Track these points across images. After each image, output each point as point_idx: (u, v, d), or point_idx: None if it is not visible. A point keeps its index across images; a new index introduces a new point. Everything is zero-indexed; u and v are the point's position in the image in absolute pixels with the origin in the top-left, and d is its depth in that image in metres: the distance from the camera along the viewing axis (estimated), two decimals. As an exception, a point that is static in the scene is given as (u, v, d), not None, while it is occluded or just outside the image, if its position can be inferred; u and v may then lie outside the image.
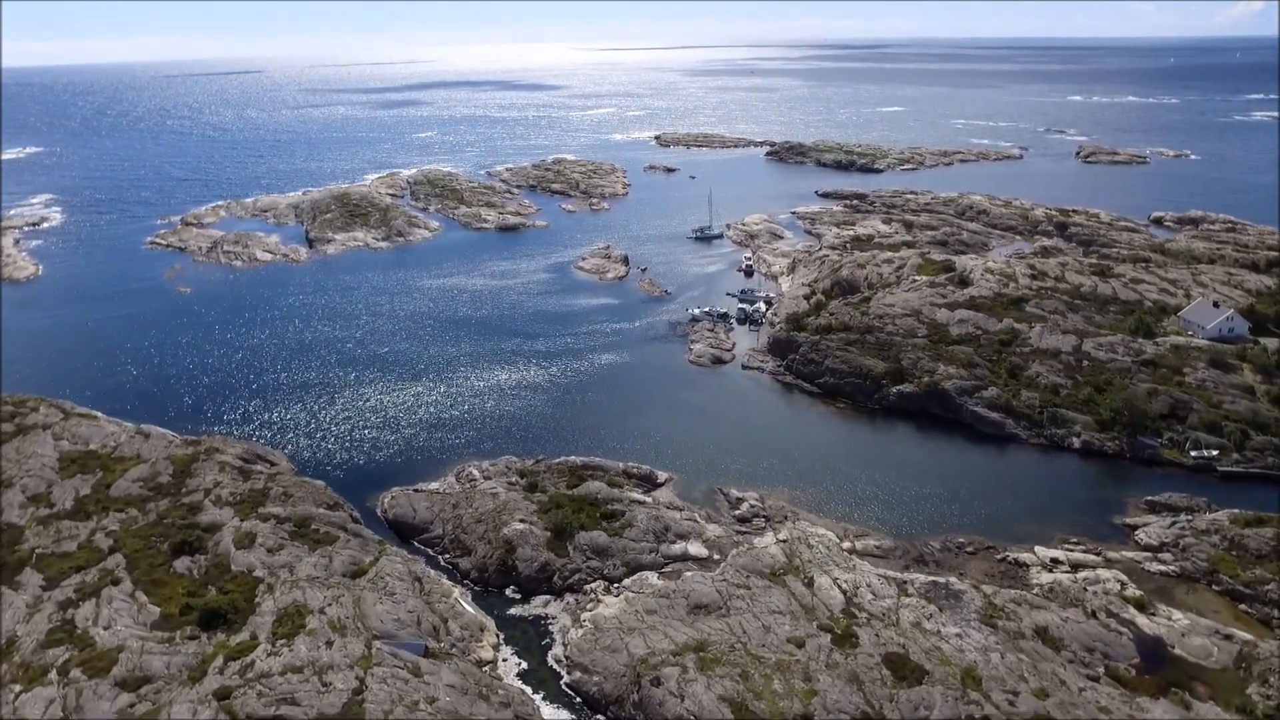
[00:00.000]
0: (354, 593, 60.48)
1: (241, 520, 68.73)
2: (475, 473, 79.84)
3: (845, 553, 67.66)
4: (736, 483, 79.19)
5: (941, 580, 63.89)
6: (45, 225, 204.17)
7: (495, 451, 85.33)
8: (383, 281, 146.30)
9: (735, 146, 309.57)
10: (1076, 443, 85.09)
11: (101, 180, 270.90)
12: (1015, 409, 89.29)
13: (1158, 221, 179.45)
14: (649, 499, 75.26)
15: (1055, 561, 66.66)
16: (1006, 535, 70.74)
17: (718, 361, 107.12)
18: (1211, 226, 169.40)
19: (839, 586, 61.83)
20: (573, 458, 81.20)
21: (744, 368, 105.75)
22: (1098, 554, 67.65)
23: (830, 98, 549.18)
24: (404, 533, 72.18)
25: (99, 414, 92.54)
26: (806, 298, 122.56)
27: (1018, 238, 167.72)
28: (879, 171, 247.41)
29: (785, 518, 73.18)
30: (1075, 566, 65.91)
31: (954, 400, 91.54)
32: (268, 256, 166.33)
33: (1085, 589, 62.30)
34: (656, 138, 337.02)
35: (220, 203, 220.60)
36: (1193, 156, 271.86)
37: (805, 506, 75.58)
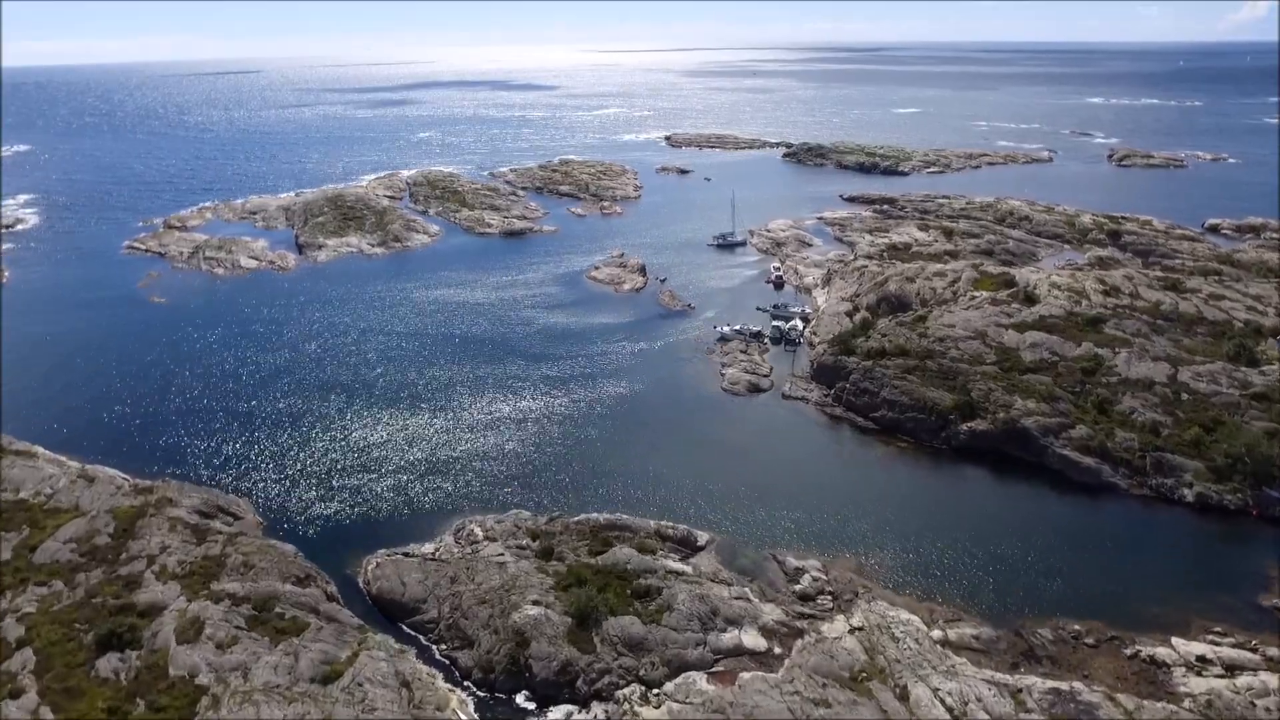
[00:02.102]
0: (323, 706, 47.25)
1: (189, 600, 55.54)
2: (478, 531, 66.66)
3: (937, 644, 54.50)
4: (792, 545, 66.06)
5: (1065, 687, 50.65)
6: (19, 227, 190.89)
7: (500, 503, 72.19)
8: (376, 292, 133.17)
9: (750, 148, 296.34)
10: (1189, 495, 71.84)
11: (86, 180, 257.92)
12: (1111, 452, 76.03)
13: (1214, 229, 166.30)
14: (688, 568, 62.04)
15: (1203, 660, 53.39)
16: (1131, 620, 57.51)
17: (755, 389, 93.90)
18: (1276, 235, 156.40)
19: (942, 700, 48.57)
20: (595, 515, 67.83)
21: (785, 397, 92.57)
22: (1254, 649, 54.42)
23: (840, 99, 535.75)
24: (391, 613, 58.93)
25: (39, 449, 79.48)
26: (849, 314, 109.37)
27: (1066, 246, 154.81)
28: (904, 174, 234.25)
29: (856, 594, 59.98)
30: (1230, 668, 52.65)
31: (1036, 441, 78.31)
32: (253, 263, 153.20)
33: (1253, 703, 49.10)
34: (667, 138, 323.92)
35: (207, 204, 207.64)
36: (1231, 160, 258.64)
37: (877, 578, 62.39)
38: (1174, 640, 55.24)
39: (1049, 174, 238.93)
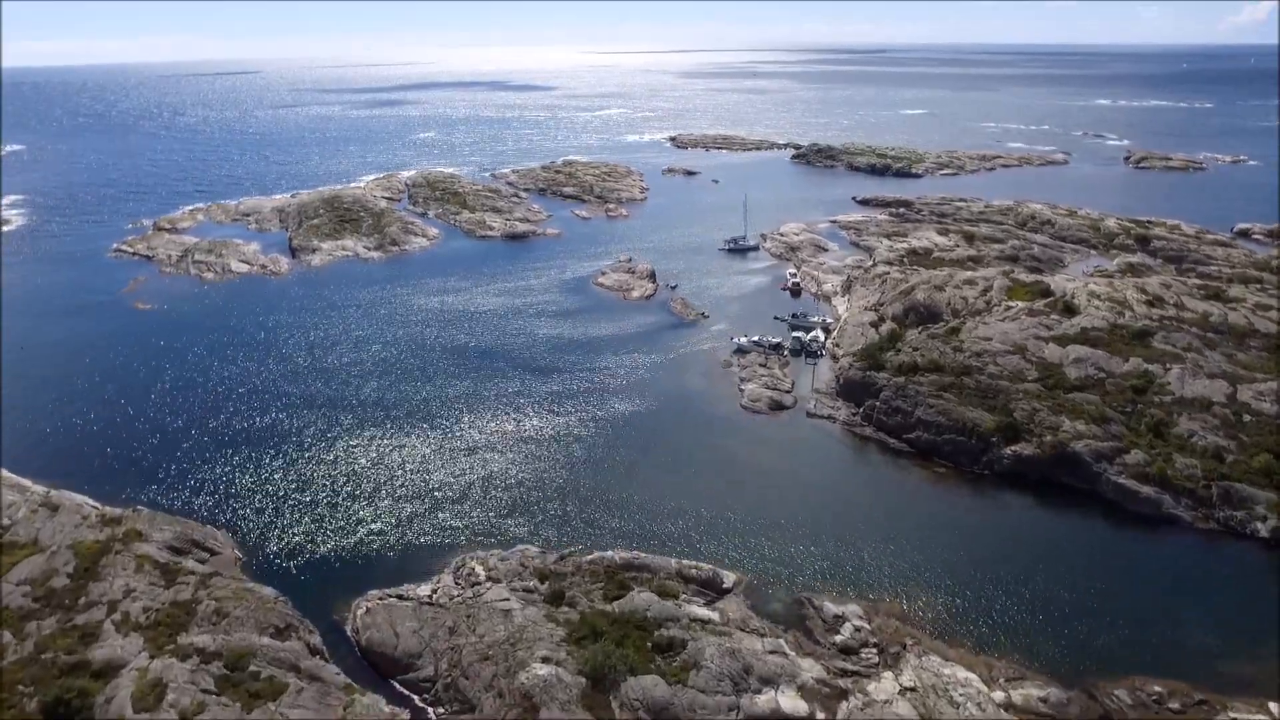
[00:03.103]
0: (301, 791, 40.70)
1: (152, 656, 48.94)
2: (479, 570, 60.07)
3: (1001, 709, 47.97)
4: (827, 586, 59.54)
5: (1153, 764, 44.20)
6: (4, 229, 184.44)
7: (504, 536, 65.64)
8: (371, 299, 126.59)
9: (757, 149, 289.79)
10: (1262, 529, 65.29)
11: (77, 180, 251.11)
12: (1171, 481, 69.43)
13: (1244, 234, 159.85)
14: (715, 614, 55.48)
15: (1307, 731, 46.91)
16: (1214, 678, 50.94)
17: (777, 407, 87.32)
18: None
19: (1017, 785, 42.01)
20: (609, 554, 61.18)
21: (809, 415, 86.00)
22: (1363, 718, 47.87)
23: (842, 100, 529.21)
24: (382, 668, 52.29)
25: (2, 471, 72.97)
26: (874, 325, 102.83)
27: (1092, 252, 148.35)
28: (917, 176, 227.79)
29: (903, 646, 53.44)
30: (1340, 741, 46.17)
31: (1089, 467, 71.76)
32: (244, 268, 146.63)
33: (1375, 787, 42.56)
34: (672, 139, 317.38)
35: (200, 205, 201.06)
36: (1251, 162, 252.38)
37: (926, 626, 55.85)
38: (1271, 706, 48.71)
39: (1065, 176, 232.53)
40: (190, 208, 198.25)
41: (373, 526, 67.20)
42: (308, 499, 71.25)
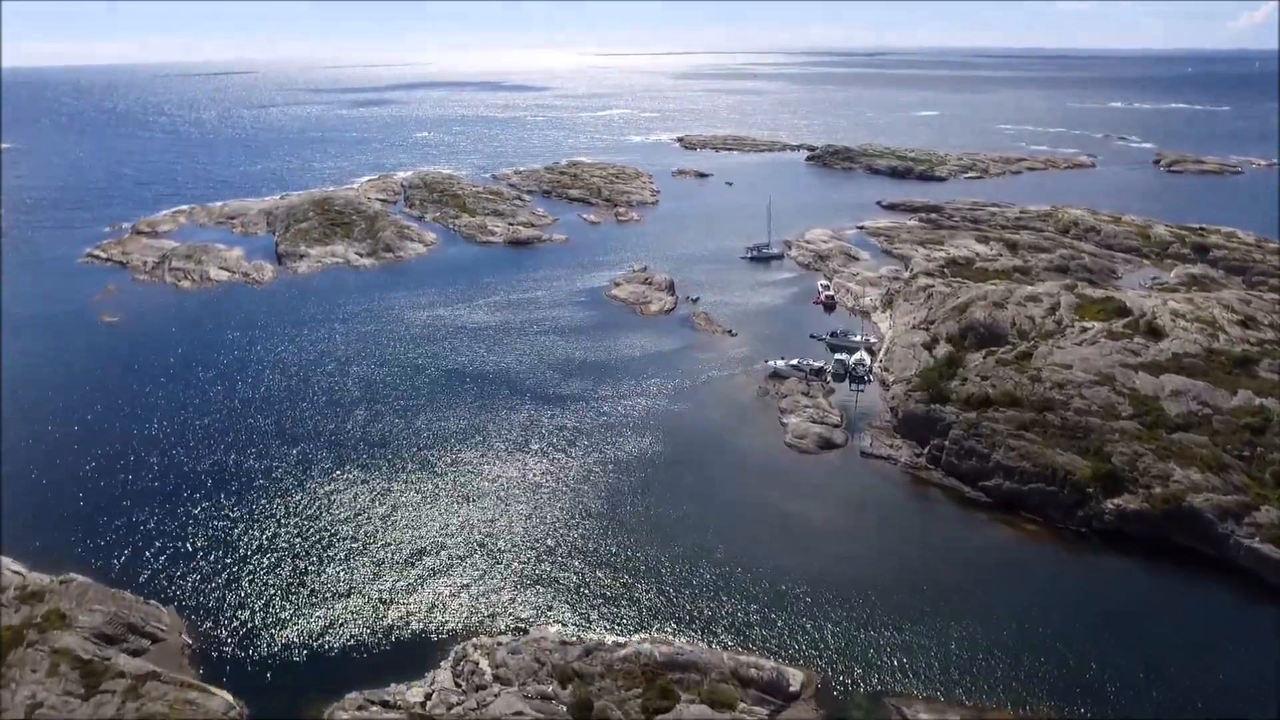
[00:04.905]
0: None
1: (54, 808, 37.11)
2: (484, 664, 48.28)
3: None
4: (917, 688, 47.86)
5: None
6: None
7: (513, 616, 53.83)
8: (360, 312, 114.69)
9: (769, 150, 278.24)
10: None
11: (57, 181, 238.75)
12: (1316, 545, 57.84)
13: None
14: (783, 733, 43.75)
15: None
16: None
17: (826, 445, 75.49)
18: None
19: None
20: (646, 647, 49.15)
21: (864, 455, 74.24)
22: None
23: (847, 100, 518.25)
24: (358, 813, 40.52)
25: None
26: (927, 346, 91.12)
27: (1145, 262, 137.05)
28: (941, 179, 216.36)
29: (1027, 779, 41.69)
30: None
31: (1213, 527, 60.03)
32: (223, 275, 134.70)
33: None
34: (680, 139, 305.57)
35: (183, 207, 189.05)
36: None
37: (1049, 748, 44.14)
38: None
39: (1095, 180, 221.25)
40: (172, 210, 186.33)
41: (352, 600, 55.35)
42: (273, 562, 59.38)
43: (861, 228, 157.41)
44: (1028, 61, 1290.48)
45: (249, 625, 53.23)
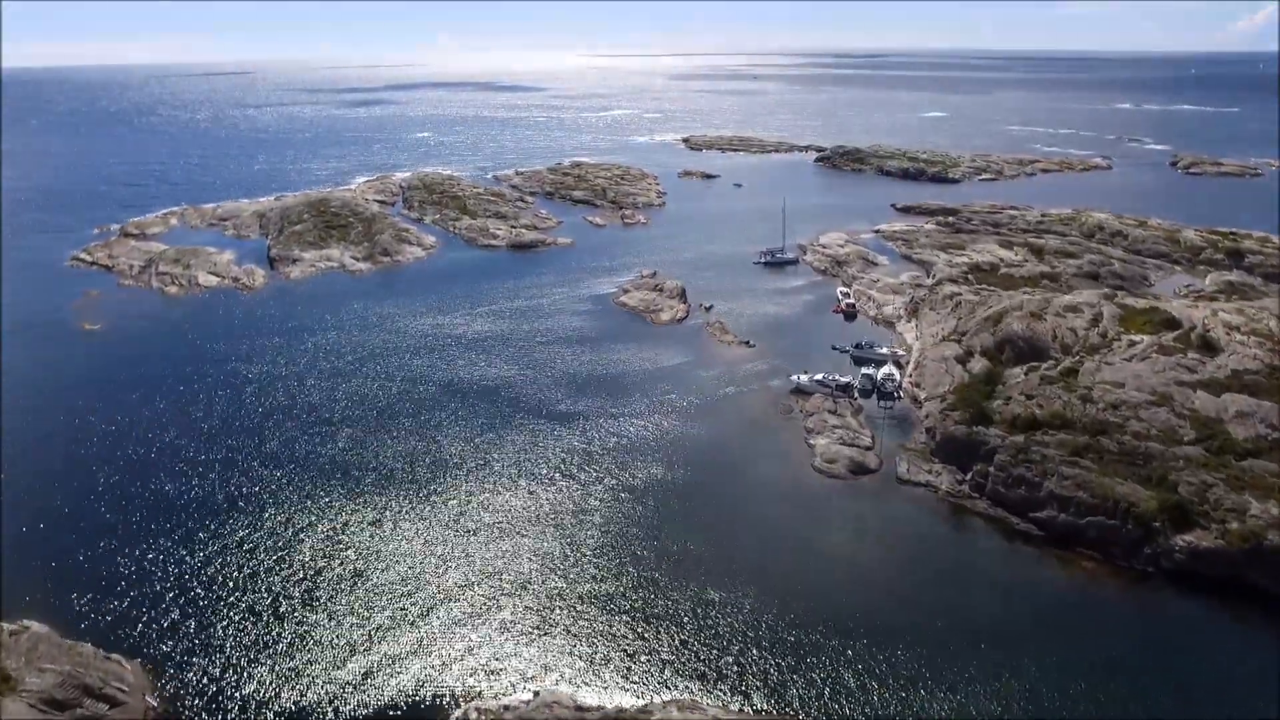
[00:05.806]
0: None
1: None
2: (487, 735, 42.14)
3: None
4: (984, 767, 41.71)
5: None
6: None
7: (517, 672, 47.75)
8: (354, 321, 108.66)
9: (776, 151, 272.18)
10: None
11: (46, 182, 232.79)
12: None
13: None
14: (834, 824, 37.58)
15: None
16: None
17: (859, 470, 69.40)
18: None
19: None
20: (673, 714, 43.05)
21: (901, 481, 68.16)
22: None
23: (852, 101, 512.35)
24: None
25: None
26: (960, 360, 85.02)
27: (1176, 268, 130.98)
28: (955, 181, 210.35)
29: None
30: None
31: (1296, 568, 54.06)
32: (212, 280, 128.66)
33: None
34: (685, 140, 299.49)
35: (174, 209, 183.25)
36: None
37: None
38: None
39: (1113, 182, 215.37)
40: (164, 211, 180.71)
41: (338, 656, 49.19)
42: (251, 605, 53.27)
43: (878, 231, 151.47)
44: (1026, 63, 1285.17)
45: (220, 684, 47.13)
